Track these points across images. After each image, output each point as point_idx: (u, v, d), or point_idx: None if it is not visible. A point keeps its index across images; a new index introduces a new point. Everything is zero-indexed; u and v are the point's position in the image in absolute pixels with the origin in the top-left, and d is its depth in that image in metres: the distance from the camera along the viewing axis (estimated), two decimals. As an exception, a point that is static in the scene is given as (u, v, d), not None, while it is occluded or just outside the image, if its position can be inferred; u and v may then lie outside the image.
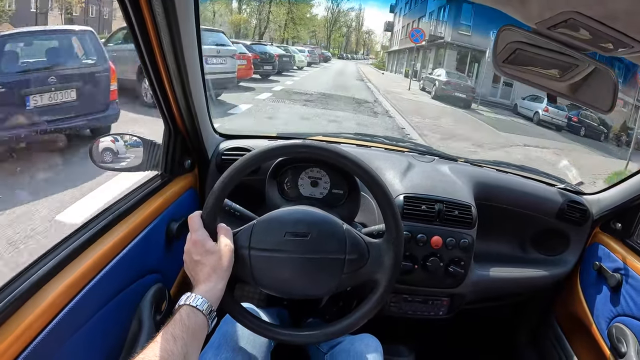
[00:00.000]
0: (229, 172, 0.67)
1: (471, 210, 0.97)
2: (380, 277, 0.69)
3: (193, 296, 0.58)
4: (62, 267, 0.64)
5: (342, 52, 40.78)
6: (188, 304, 0.57)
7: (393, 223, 0.69)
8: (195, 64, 0.83)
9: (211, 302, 0.59)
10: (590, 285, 1.08)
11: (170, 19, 0.67)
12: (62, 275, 0.63)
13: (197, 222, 0.66)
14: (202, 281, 0.61)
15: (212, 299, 0.59)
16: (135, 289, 0.80)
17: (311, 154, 0.70)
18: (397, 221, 0.69)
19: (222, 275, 0.62)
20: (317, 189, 0.94)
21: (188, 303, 0.57)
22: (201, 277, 0.61)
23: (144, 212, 0.84)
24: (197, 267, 0.62)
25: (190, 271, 0.64)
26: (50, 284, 0.61)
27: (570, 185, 1.19)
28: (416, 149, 1.24)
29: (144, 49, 0.73)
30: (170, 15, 0.66)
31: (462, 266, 0.95)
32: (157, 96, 0.85)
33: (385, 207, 0.69)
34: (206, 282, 0.61)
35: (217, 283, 0.61)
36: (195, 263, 0.63)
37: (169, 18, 0.67)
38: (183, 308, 0.56)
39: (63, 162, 3.12)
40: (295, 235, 0.66)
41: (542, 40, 0.59)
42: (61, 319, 0.60)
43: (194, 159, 1.02)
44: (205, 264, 0.62)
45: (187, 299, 0.58)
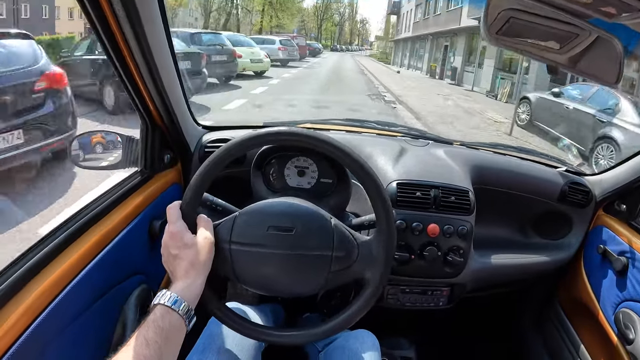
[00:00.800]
0: (209, 161, 0.63)
1: (469, 196, 0.92)
2: (370, 275, 0.64)
3: (168, 295, 0.53)
4: (40, 269, 0.61)
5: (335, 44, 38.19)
6: (162, 303, 0.52)
7: (384, 214, 0.64)
8: (166, 56, 0.78)
9: (188, 301, 0.54)
10: (595, 269, 1.05)
11: (130, 11, 0.62)
12: (39, 278, 0.60)
13: (175, 213, 0.61)
14: (180, 277, 0.57)
15: (190, 297, 0.55)
16: (119, 291, 0.76)
17: (291, 140, 0.64)
18: (388, 212, 0.64)
19: (201, 271, 0.58)
20: (304, 179, 0.89)
21: (162, 302, 0.53)
22: (179, 273, 0.57)
23: (123, 210, 0.80)
24: (175, 262, 0.58)
25: (168, 266, 0.60)
26: (28, 286, 0.58)
27: (571, 166, 1.15)
28: (409, 133, 1.19)
29: (108, 45, 0.69)
30: (129, 8, 0.62)
31: (462, 254, 0.90)
32: (129, 92, 0.80)
33: (374, 195, 0.64)
34: (184, 278, 0.57)
35: (195, 279, 0.57)
36: (172, 257, 0.58)
37: (128, 10, 0.62)
38: (157, 308, 0.52)
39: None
40: (278, 229, 0.62)
41: (537, 5, 0.54)
42: (41, 322, 0.57)
43: (175, 153, 0.98)
44: (183, 259, 0.57)
45: (161, 298, 0.53)
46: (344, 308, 0.65)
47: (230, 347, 0.71)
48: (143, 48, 0.69)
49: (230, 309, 0.66)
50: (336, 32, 36.56)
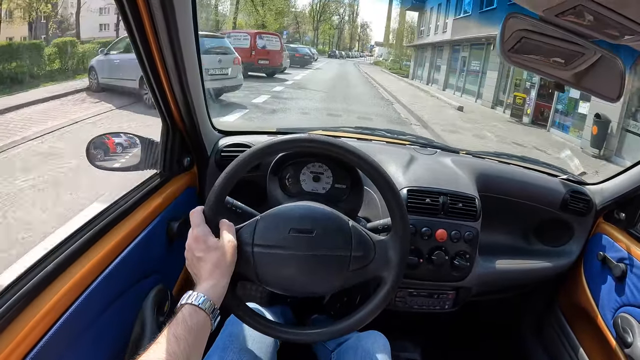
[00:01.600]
0: (232, 167, 0.66)
1: (475, 203, 0.96)
2: (386, 274, 0.67)
3: (195, 295, 0.56)
4: (63, 269, 0.63)
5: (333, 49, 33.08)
6: (190, 302, 0.55)
7: (399, 218, 0.67)
8: (194, 59, 0.81)
9: (213, 301, 0.57)
10: (595, 276, 1.08)
11: (168, 13, 0.65)
12: (62, 278, 0.62)
13: (198, 217, 0.64)
14: (204, 279, 0.59)
15: (215, 296, 0.58)
16: (137, 291, 0.79)
17: (315, 148, 0.68)
18: (403, 216, 0.67)
19: (225, 273, 0.61)
20: (319, 184, 0.92)
21: (190, 302, 0.55)
22: (203, 275, 0.60)
23: (143, 212, 0.83)
24: (199, 264, 0.60)
25: (192, 268, 0.63)
26: (51, 286, 0.60)
27: (572, 175, 1.18)
28: (417, 142, 1.22)
29: (140, 45, 0.72)
30: (167, 10, 0.65)
31: (468, 259, 0.94)
32: (154, 93, 0.84)
33: (392, 201, 0.67)
34: (208, 279, 0.59)
35: (219, 280, 0.59)
36: (197, 260, 0.61)
37: (166, 13, 0.65)
38: (185, 307, 0.55)
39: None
40: (300, 231, 0.65)
41: (548, 27, 0.58)
42: (63, 322, 0.59)
43: (192, 157, 1.01)
44: (207, 261, 0.60)
45: (188, 298, 0.56)
46: (349, 310, 0.69)
47: (249, 345, 0.74)
48: (174, 47, 0.72)
49: (250, 308, 0.69)
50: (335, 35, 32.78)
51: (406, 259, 0.68)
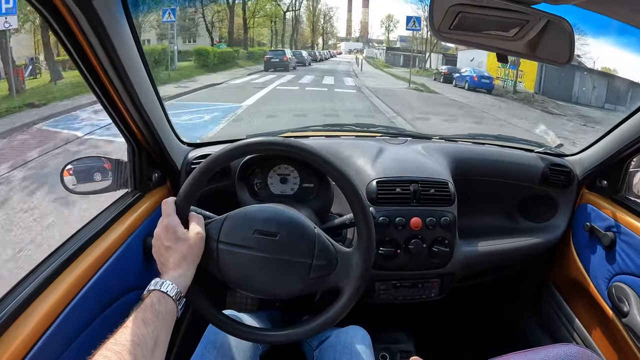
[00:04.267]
0: (204, 163, 0.67)
1: (448, 187, 0.94)
2: (345, 286, 0.66)
3: (162, 282, 0.58)
4: (39, 293, 0.63)
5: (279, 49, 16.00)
6: (158, 289, 0.57)
7: (365, 232, 0.66)
8: (143, 79, 0.81)
9: (180, 289, 0.59)
10: (584, 247, 1.06)
11: (103, 39, 0.65)
12: (39, 302, 0.62)
13: (170, 207, 0.65)
14: (172, 268, 0.60)
15: (181, 285, 0.59)
16: (117, 308, 0.79)
17: (270, 150, 0.69)
18: (368, 228, 0.66)
19: (192, 263, 0.62)
20: (287, 186, 0.92)
21: (158, 288, 0.57)
22: (171, 264, 0.61)
23: (117, 231, 0.83)
24: (167, 253, 0.62)
25: (158, 256, 0.64)
26: (28, 311, 0.60)
27: (549, 148, 1.17)
28: (388, 132, 1.22)
29: (88, 75, 0.72)
30: (101, 35, 0.65)
31: (447, 244, 0.92)
32: (113, 118, 0.84)
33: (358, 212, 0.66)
34: (176, 269, 0.60)
35: (186, 270, 0.61)
36: (165, 249, 0.62)
37: (100, 38, 0.65)
38: (153, 293, 0.56)
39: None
40: (264, 233, 0.65)
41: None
42: (42, 345, 0.59)
43: (163, 172, 1.00)
44: (176, 251, 0.61)
45: (156, 285, 0.57)
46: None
47: (229, 352, 0.73)
48: (120, 74, 0.73)
49: (224, 314, 0.69)
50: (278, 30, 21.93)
51: (369, 273, 0.67)
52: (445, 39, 0.60)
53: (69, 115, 5.93)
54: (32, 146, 4.42)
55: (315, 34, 28.59)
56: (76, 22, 0.62)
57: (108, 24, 0.64)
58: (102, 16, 0.63)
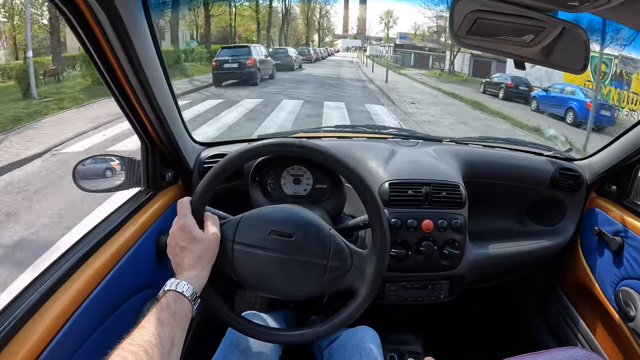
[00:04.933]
0: (220, 164, 0.67)
1: (460, 190, 0.95)
2: (360, 287, 0.67)
3: (178, 282, 0.58)
4: (52, 292, 0.64)
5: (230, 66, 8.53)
6: (174, 289, 0.57)
7: (379, 235, 0.67)
8: (160, 78, 0.81)
9: (196, 289, 0.59)
10: (592, 251, 1.07)
11: (123, 38, 0.66)
12: (53, 301, 0.63)
13: (185, 207, 0.65)
14: (187, 268, 0.61)
15: (197, 285, 0.60)
16: (130, 306, 0.80)
17: (287, 152, 0.70)
18: (382, 230, 0.67)
19: (207, 264, 0.63)
20: (300, 186, 0.92)
21: (174, 289, 0.57)
22: (186, 264, 0.61)
23: (130, 229, 0.83)
24: (183, 254, 0.62)
25: (173, 257, 0.64)
26: (43, 309, 0.61)
27: (559, 152, 1.17)
28: (399, 135, 1.22)
29: (105, 72, 0.72)
30: (121, 35, 0.65)
31: (457, 247, 0.93)
32: (128, 116, 0.84)
33: (373, 215, 0.67)
34: (191, 269, 0.61)
35: (202, 271, 0.62)
36: (180, 249, 0.62)
37: (120, 37, 0.65)
38: (169, 294, 0.56)
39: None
40: (280, 234, 0.66)
41: (501, 5, 0.57)
42: (56, 344, 0.59)
43: (175, 171, 1.01)
44: (191, 251, 0.61)
45: (172, 285, 0.58)
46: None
47: (250, 353, 0.74)
48: (138, 73, 0.73)
49: (241, 315, 0.70)
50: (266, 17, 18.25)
51: (382, 274, 0.68)
52: (463, 44, 0.60)
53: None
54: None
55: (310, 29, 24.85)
56: (96, 19, 0.62)
57: (128, 22, 0.65)
58: (123, 14, 0.63)
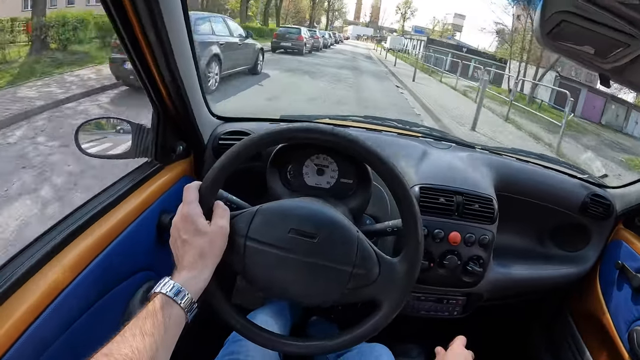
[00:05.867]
0: (237, 147, 0.59)
1: (493, 204, 0.89)
2: (385, 299, 0.60)
3: (171, 284, 0.50)
4: (42, 264, 0.58)
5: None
6: (164, 293, 0.49)
7: (413, 240, 0.60)
8: (183, 38, 0.73)
9: (192, 293, 0.51)
10: (611, 285, 1.02)
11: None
12: (42, 274, 0.57)
13: (192, 194, 0.57)
14: (185, 267, 0.53)
15: (194, 289, 0.52)
16: (125, 288, 0.73)
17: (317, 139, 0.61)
18: (417, 238, 0.59)
19: (209, 263, 0.54)
20: (323, 178, 0.83)
21: (164, 292, 0.49)
22: (185, 261, 0.53)
23: (132, 203, 0.77)
24: (184, 248, 0.54)
25: (175, 249, 0.56)
26: (29, 283, 0.55)
27: (593, 177, 1.11)
28: (431, 134, 1.15)
29: (120, 25, 0.64)
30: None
31: (481, 264, 0.88)
32: (140, 76, 0.76)
33: (408, 220, 0.60)
34: (190, 268, 0.53)
35: (201, 272, 0.53)
36: (182, 242, 0.54)
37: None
38: (158, 297, 0.49)
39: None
40: (301, 234, 0.58)
41: (593, 10, 0.50)
42: (43, 320, 0.54)
43: (187, 144, 0.94)
44: (193, 246, 0.53)
45: (163, 286, 0.50)
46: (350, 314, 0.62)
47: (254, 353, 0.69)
48: (159, 28, 0.65)
49: (247, 319, 0.62)
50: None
51: (411, 290, 0.61)
52: (543, 42, 0.53)
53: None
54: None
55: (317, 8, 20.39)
56: None
57: None
58: None
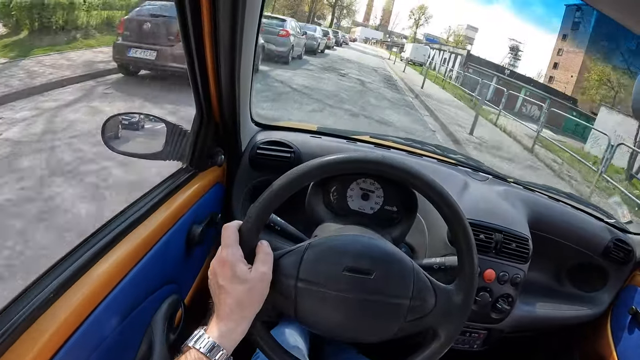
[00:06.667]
0: (285, 181, 0.55)
1: (528, 244, 0.89)
2: (442, 328, 0.59)
3: (205, 339, 0.47)
4: (78, 277, 0.54)
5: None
6: (198, 349, 0.46)
7: (469, 270, 0.59)
8: (252, 42, 0.69)
9: (227, 349, 0.48)
10: (622, 329, 1.04)
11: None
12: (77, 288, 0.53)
13: (232, 235, 0.53)
14: (222, 317, 0.49)
15: (229, 344, 0.48)
16: (152, 301, 0.69)
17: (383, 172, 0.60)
18: (473, 268, 0.59)
19: (247, 315, 0.51)
20: (367, 203, 0.80)
21: (198, 348, 0.46)
22: (222, 311, 0.50)
23: (165, 212, 0.72)
24: (221, 295, 0.50)
25: (212, 295, 0.53)
26: (62, 299, 0.51)
27: (618, 222, 1.14)
28: (469, 164, 1.14)
29: (189, 16, 0.60)
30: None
31: (510, 302, 0.88)
32: (194, 78, 0.72)
33: (464, 250, 0.60)
34: (226, 320, 0.49)
35: (239, 324, 0.50)
36: (219, 288, 0.51)
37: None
38: (191, 353, 0.46)
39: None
40: (357, 271, 0.55)
41: None
42: (77, 338, 0.50)
43: (225, 149, 0.89)
44: (230, 294, 0.50)
45: (197, 341, 0.47)
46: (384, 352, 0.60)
47: None
48: (236, 19, 0.61)
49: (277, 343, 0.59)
50: None
51: (467, 316, 0.60)
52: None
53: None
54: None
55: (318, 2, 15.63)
56: None
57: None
58: None
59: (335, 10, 17.26)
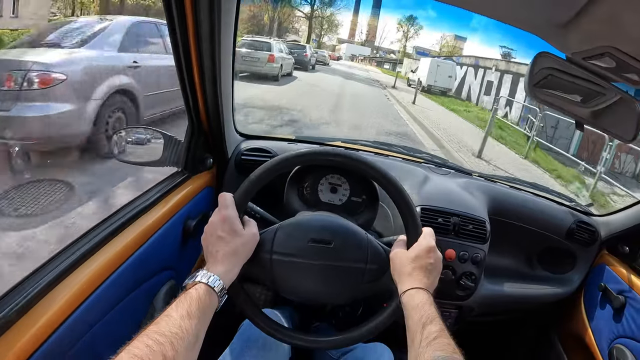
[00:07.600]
0: (273, 162, 0.68)
1: (485, 226, 0.98)
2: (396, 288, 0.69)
3: (211, 275, 0.56)
4: (80, 263, 0.64)
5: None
6: (205, 282, 0.55)
7: (413, 231, 0.70)
8: (229, 63, 0.84)
9: (225, 285, 0.58)
10: (594, 306, 1.10)
11: (214, 16, 0.68)
12: (77, 274, 0.62)
13: (228, 200, 0.65)
14: (219, 261, 0.59)
15: (227, 281, 0.58)
16: (149, 286, 0.81)
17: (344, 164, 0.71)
18: (417, 230, 0.70)
19: (240, 261, 0.62)
20: (336, 196, 0.94)
21: (205, 282, 0.55)
22: (220, 256, 0.60)
23: (162, 208, 0.85)
24: (218, 244, 0.61)
25: (208, 245, 0.62)
26: (69, 278, 0.61)
27: (580, 205, 1.21)
28: (433, 161, 1.25)
29: (180, 42, 0.74)
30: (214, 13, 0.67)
31: (473, 280, 0.97)
32: (185, 92, 0.87)
33: (407, 216, 0.70)
34: (224, 263, 0.59)
35: (234, 266, 0.61)
36: (217, 238, 0.61)
37: (212, 15, 0.67)
38: (200, 286, 0.55)
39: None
40: (319, 242, 0.67)
41: (574, 68, 0.61)
42: (77, 317, 0.59)
43: (214, 157, 1.03)
44: (229, 243, 0.61)
45: (203, 277, 0.56)
46: (350, 320, 0.70)
47: (265, 351, 0.75)
48: (214, 46, 0.74)
49: (265, 315, 0.71)
50: None
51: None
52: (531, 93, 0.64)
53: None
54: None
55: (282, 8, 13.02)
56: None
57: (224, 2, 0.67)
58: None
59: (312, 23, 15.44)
